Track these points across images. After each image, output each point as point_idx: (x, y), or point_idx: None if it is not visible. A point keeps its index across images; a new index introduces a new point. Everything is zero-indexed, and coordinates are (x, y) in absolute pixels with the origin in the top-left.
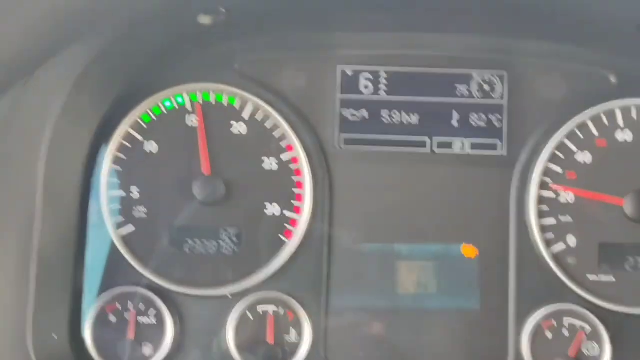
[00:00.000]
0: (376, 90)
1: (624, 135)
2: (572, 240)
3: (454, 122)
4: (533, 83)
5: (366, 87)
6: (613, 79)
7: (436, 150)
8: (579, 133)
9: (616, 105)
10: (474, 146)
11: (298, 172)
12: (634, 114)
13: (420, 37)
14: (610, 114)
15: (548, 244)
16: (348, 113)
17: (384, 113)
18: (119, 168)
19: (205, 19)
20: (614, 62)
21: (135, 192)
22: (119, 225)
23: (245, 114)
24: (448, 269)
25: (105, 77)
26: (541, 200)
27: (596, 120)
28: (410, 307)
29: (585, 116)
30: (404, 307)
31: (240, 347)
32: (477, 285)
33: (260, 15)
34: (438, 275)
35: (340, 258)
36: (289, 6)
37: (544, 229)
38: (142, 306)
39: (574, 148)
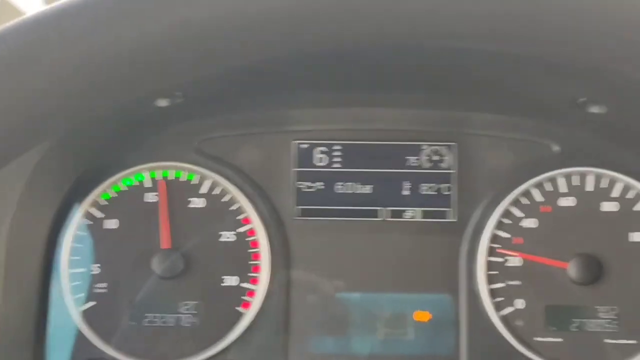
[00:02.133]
0: (330, 163)
1: (567, 201)
2: (520, 303)
3: (405, 192)
4: (481, 153)
5: (321, 159)
6: (555, 148)
7: (388, 219)
8: (524, 200)
9: (558, 173)
10: (424, 214)
11: (255, 244)
12: (575, 181)
13: (371, 112)
14: (553, 181)
15: (497, 307)
16: (304, 185)
17: (338, 184)
18: (79, 245)
19: (162, 102)
20: (555, 133)
21: (95, 269)
22: (79, 302)
23: (203, 190)
24: (401, 333)
25: (65, 162)
26: (490, 265)
27: (540, 187)
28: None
29: (529, 184)
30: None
31: None
32: (429, 350)
33: (215, 97)
34: (392, 340)
35: (298, 327)
36: (243, 89)
37: (493, 293)
38: None
39: (520, 214)
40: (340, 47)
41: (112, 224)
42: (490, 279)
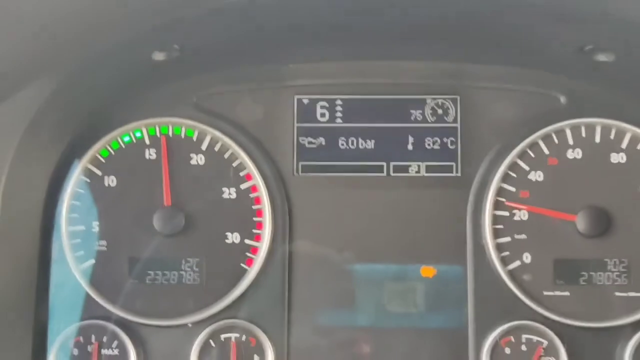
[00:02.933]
0: (332, 118)
1: (574, 154)
2: (527, 257)
3: (409, 146)
4: (485, 106)
5: (322, 115)
6: (562, 100)
7: (392, 174)
8: (530, 152)
9: (566, 125)
10: (429, 169)
11: (257, 201)
12: (583, 133)
13: (373, 65)
14: (561, 134)
15: (504, 261)
16: (305, 141)
17: (341, 140)
18: (78, 203)
19: (159, 56)
20: (562, 84)
21: (95, 226)
22: (80, 260)
23: (204, 146)
24: (407, 289)
25: (62, 116)
26: (496, 219)
27: (547, 139)
28: (371, 327)
29: (536, 136)
30: (364, 327)
31: None
32: (436, 305)
33: (214, 51)
34: (398, 295)
35: (300, 284)
36: (241, 42)
37: (499, 247)
38: (105, 338)
39: (526, 167)
40: None
41: (111, 181)
42: (497, 233)
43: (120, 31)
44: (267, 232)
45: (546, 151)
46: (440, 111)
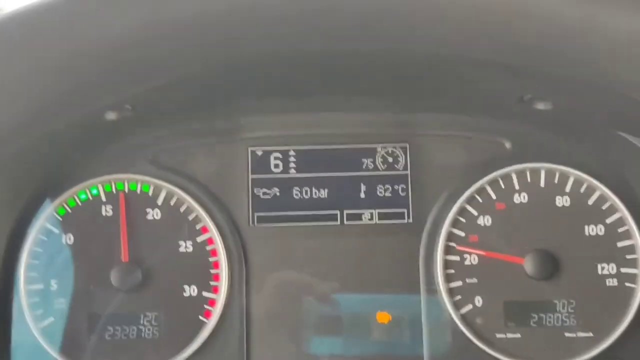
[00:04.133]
0: (286, 169)
1: (521, 198)
2: (479, 300)
3: (362, 194)
4: (433, 153)
5: (276, 166)
6: (507, 145)
7: (346, 222)
8: (478, 198)
9: (511, 170)
10: (381, 216)
11: (214, 253)
12: (528, 177)
13: (324, 116)
14: (507, 179)
15: (456, 305)
16: (260, 192)
17: (295, 190)
18: (36, 262)
19: (112, 115)
20: (507, 130)
21: (54, 284)
22: (39, 318)
23: (159, 201)
24: (364, 334)
25: (18, 178)
26: (447, 264)
27: (494, 184)
28: None
29: (484, 182)
30: None
31: None
32: (392, 349)
33: (166, 108)
34: (355, 343)
35: (258, 334)
36: (193, 99)
37: (452, 292)
38: None
39: (475, 212)
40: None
41: (68, 238)
42: (449, 278)
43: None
44: (224, 284)
45: (493, 196)
46: (390, 159)
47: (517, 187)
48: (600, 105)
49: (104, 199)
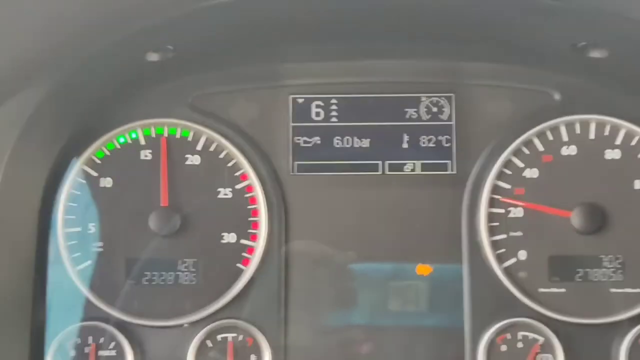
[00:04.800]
0: (327, 117)
1: (569, 150)
2: (522, 254)
3: (405, 145)
4: (479, 103)
5: (317, 114)
6: (556, 96)
7: (388, 172)
8: (525, 150)
9: (560, 121)
10: (424, 167)
11: (253, 201)
12: (577, 130)
13: (367, 64)
14: (555, 130)
15: (499, 259)
16: (301, 140)
17: (336, 139)
18: (74, 205)
19: (153, 57)
20: (556, 80)
21: (91, 228)
22: (76, 261)
23: (199, 146)
24: (404, 287)
25: (58, 117)
26: (491, 217)
27: (541, 136)
28: (369, 326)
29: (531, 133)
30: (362, 326)
31: None
32: (432, 303)
33: (208, 51)
34: (395, 294)
35: (297, 283)
36: (235, 41)
37: (495, 245)
38: (102, 340)
39: (521, 164)
40: None
41: (107, 182)
42: (492, 231)
43: (113, 33)
44: (263, 232)
45: (541, 148)
46: (435, 109)
47: (565, 139)
48: None
49: (143, 142)
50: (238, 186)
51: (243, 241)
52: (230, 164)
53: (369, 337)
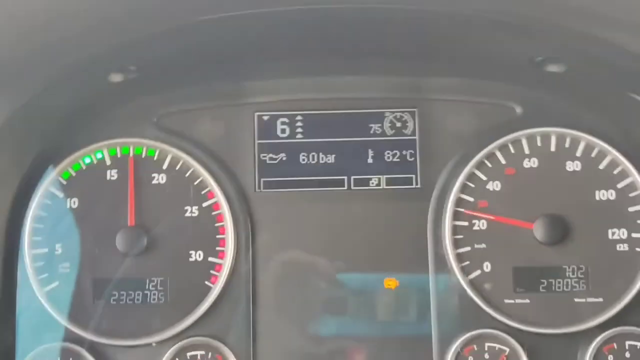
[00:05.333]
0: (293, 134)
1: (531, 163)
2: (487, 266)
3: (370, 160)
4: (442, 118)
5: (283, 131)
6: (518, 110)
7: (353, 187)
8: (488, 163)
9: (522, 134)
10: (389, 181)
11: (220, 218)
12: (538, 142)
13: (332, 80)
14: (517, 143)
15: (465, 271)
16: (266, 157)
17: (302, 155)
18: (41, 226)
19: (116, 77)
20: (517, 94)
21: (58, 248)
22: (44, 282)
23: (165, 165)
24: (371, 300)
25: (22, 138)
26: (456, 229)
27: (504, 149)
28: (336, 337)
29: (493, 146)
30: (329, 338)
31: None
32: (400, 315)
33: (172, 70)
34: (362, 306)
35: (265, 299)
36: (200, 60)
37: (460, 257)
38: None
39: (484, 177)
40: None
41: (73, 202)
42: (457, 243)
43: (76, 51)
44: (230, 249)
45: (503, 161)
46: (399, 124)
47: (527, 151)
48: (612, 66)
49: (108, 163)
50: (205, 204)
51: (211, 259)
52: (196, 182)
53: (337, 349)
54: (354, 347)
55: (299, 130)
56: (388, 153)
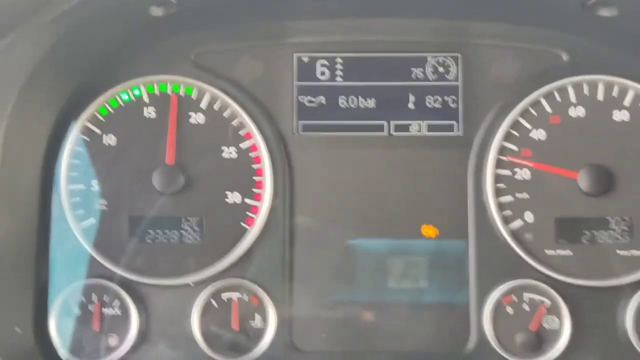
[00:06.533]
0: (333, 77)
1: (577, 112)
2: (529, 216)
3: (411, 105)
4: (486, 64)
5: (323, 73)
6: (564, 57)
7: (393, 133)
8: (532, 111)
9: (568, 82)
10: (430, 128)
11: (257, 160)
12: (585, 90)
13: (374, 22)
14: (563, 91)
15: (506, 221)
16: (305, 100)
17: (341, 98)
18: (77, 162)
19: (157, 11)
20: (564, 41)
21: (95, 185)
22: (80, 218)
23: (203, 104)
24: (410, 249)
25: (60, 73)
26: (498, 178)
27: (549, 97)
28: (371, 291)
29: (538, 94)
30: (364, 292)
31: (205, 335)
32: (438, 264)
33: (212, 7)
34: (399, 261)
35: (302, 243)
36: None
37: (501, 207)
38: (106, 297)
39: (528, 126)
40: None
41: (110, 139)
42: (499, 192)
43: None
44: (267, 191)
45: (548, 109)
46: (441, 69)
47: (573, 100)
48: None
49: (146, 100)
50: (242, 145)
51: (247, 200)
52: (234, 123)
53: (373, 300)
54: (389, 297)
55: (339, 73)
56: (429, 98)
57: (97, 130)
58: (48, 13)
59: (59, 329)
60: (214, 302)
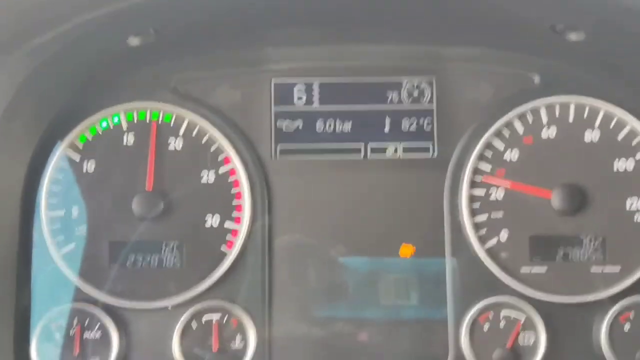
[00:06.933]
0: (310, 101)
1: (549, 132)
2: (504, 235)
3: (386, 128)
4: (460, 86)
5: (300, 98)
6: (536, 79)
7: (370, 155)
8: (506, 132)
9: (540, 103)
10: (406, 150)
11: (236, 184)
12: (557, 112)
13: (350, 48)
14: (535, 113)
15: (482, 240)
16: (283, 124)
17: (319, 122)
18: (57, 188)
19: (135, 41)
20: (536, 63)
21: (75, 212)
22: (60, 245)
23: (181, 131)
24: (385, 269)
25: (39, 101)
26: (473, 198)
27: (522, 118)
28: (350, 310)
29: (511, 116)
30: (344, 310)
31: (186, 357)
32: (415, 284)
33: (190, 35)
34: (378, 279)
35: (280, 265)
36: (218, 26)
37: (477, 226)
38: (87, 321)
39: (501, 146)
40: None
41: (89, 166)
42: (474, 212)
43: (95, 11)
44: (246, 214)
45: (521, 130)
46: (416, 93)
47: (545, 121)
48: (633, 34)
49: (125, 127)
50: (221, 170)
51: (227, 224)
52: (212, 148)
53: (352, 320)
54: (369, 316)
55: (316, 97)
56: (405, 121)
57: (77, 158)
58: (25, 45)
59: (40, 354)
60: (194, 325)
